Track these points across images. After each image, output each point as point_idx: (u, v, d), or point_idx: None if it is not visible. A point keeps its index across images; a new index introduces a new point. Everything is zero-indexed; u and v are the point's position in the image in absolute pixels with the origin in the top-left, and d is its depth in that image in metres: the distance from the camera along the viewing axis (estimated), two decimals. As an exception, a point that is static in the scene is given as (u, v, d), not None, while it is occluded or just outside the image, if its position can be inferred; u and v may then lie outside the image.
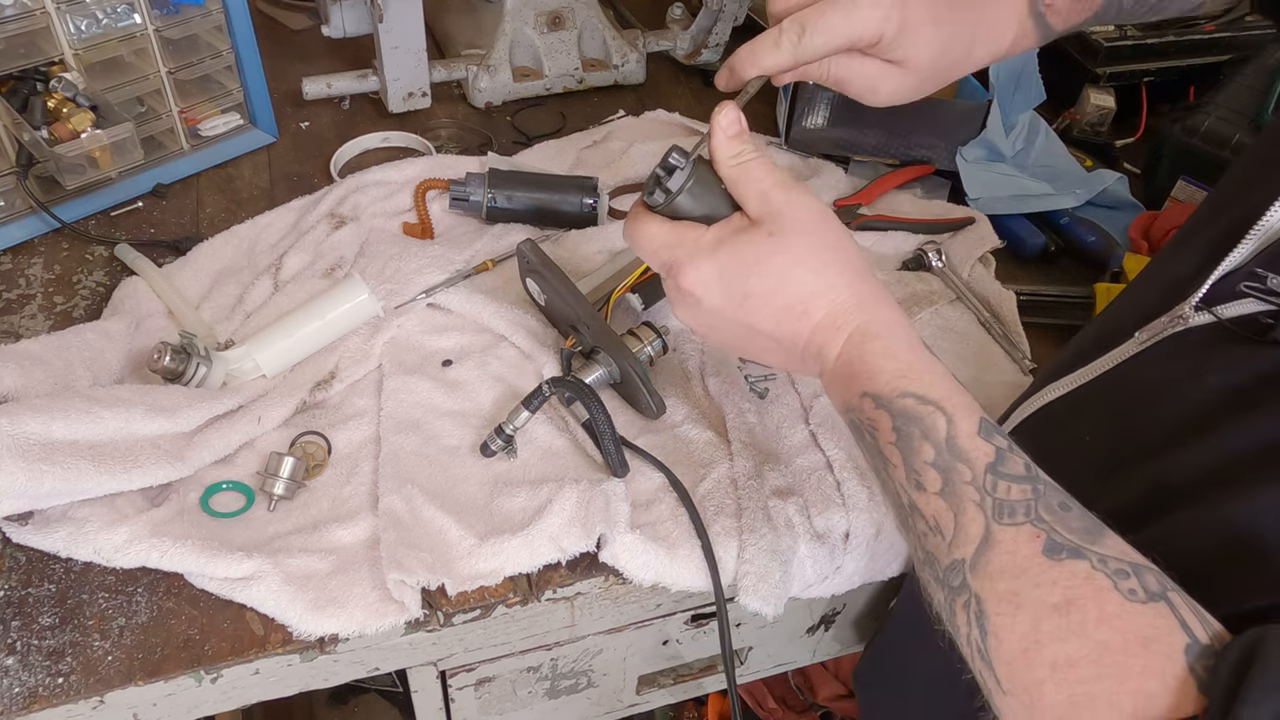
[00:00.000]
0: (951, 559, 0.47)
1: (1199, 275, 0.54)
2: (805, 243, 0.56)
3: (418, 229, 0.97)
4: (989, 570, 0.45)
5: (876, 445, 0.52)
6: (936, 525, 0.48)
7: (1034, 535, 0.45)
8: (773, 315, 0.57)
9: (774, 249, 0.56)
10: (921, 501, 0.49)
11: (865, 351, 0.55)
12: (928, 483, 0.49)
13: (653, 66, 1.26)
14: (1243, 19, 1.20)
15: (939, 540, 0.48)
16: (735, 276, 0.57)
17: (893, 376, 0.53)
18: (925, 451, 0.49)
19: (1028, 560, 0.44)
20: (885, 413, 0.52)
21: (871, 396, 0.53)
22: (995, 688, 0.44)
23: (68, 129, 0.88)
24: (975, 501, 0.47)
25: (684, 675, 0.96)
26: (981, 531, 0.46)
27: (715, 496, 0.74)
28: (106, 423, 0.68)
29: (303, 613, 0.66)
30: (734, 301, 0.57)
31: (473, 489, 0.75)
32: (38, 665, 0.63)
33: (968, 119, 1.07)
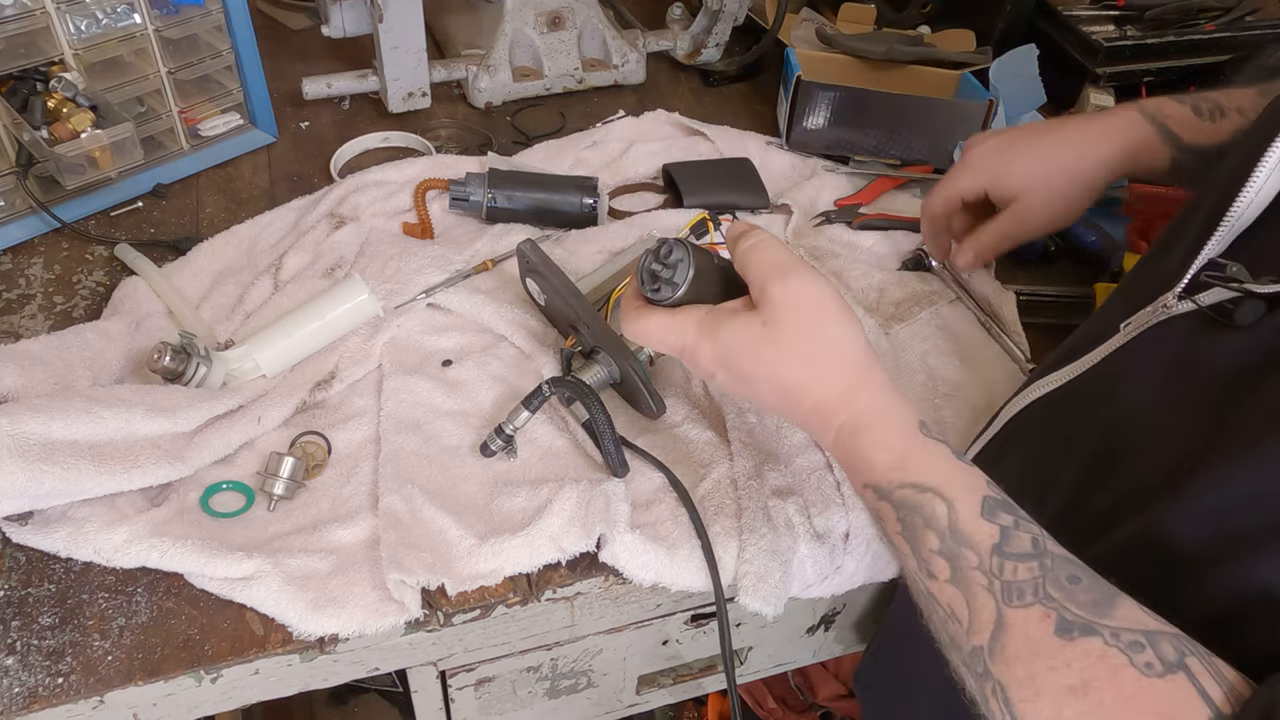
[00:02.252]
0: (971, 645, 0.47)
1: (1181, 267, 0.55)
2: (795, 335, 0.58)
3: (418, 229, 0.97)
4: (1005, 655, 0.45)
5: (887, 536, 0.53)
6: (952, 612, 0.48)
7: (1044, 616, 0.45)
8: (772, 396, 0.59)
9: (765, 339, 0.58)
10: (935, 589, 0.49)
11: (857, 444, 0.56)
12: (937, 571, 0.49)
13: (653, 66, 1.26)
14: (1243, 19, 1.20)
15: (957, 627, 0.48)
16: (733, 359, 0.59)
17: (887, 469, 0.54)
18: (930, 540, 0.50)
19: (1040, 642, 0.44)
20: (887, 504, 0.53)
21: (872, 488, 0.54)
22: None
23: (68, 129, 0.88)
24: (984, 586, 0.47)
25: (684, 675, 0.96)
26: (994, 617, 0.46)
27: (715, 496, 0.74)
28: (106, 423, 0.68)
29: (303, 613, 0.66)
30: (739, 380, 0.60)
31: (473, 489, 0.75)
32: (38, 665, 0.63)
33: (968, 119, 1.07)
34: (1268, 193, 0.52)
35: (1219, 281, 0.51)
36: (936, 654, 0.52)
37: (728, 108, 1.23)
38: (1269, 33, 1.19)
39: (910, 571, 0.52)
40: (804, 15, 1.27)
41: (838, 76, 1.17)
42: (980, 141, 0.87)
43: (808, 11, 1.28)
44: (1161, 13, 1.19)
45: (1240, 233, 0.53)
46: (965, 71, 1.16)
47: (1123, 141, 0.79)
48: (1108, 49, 1.15)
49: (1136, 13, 1.20)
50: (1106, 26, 1.19)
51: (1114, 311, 0.62)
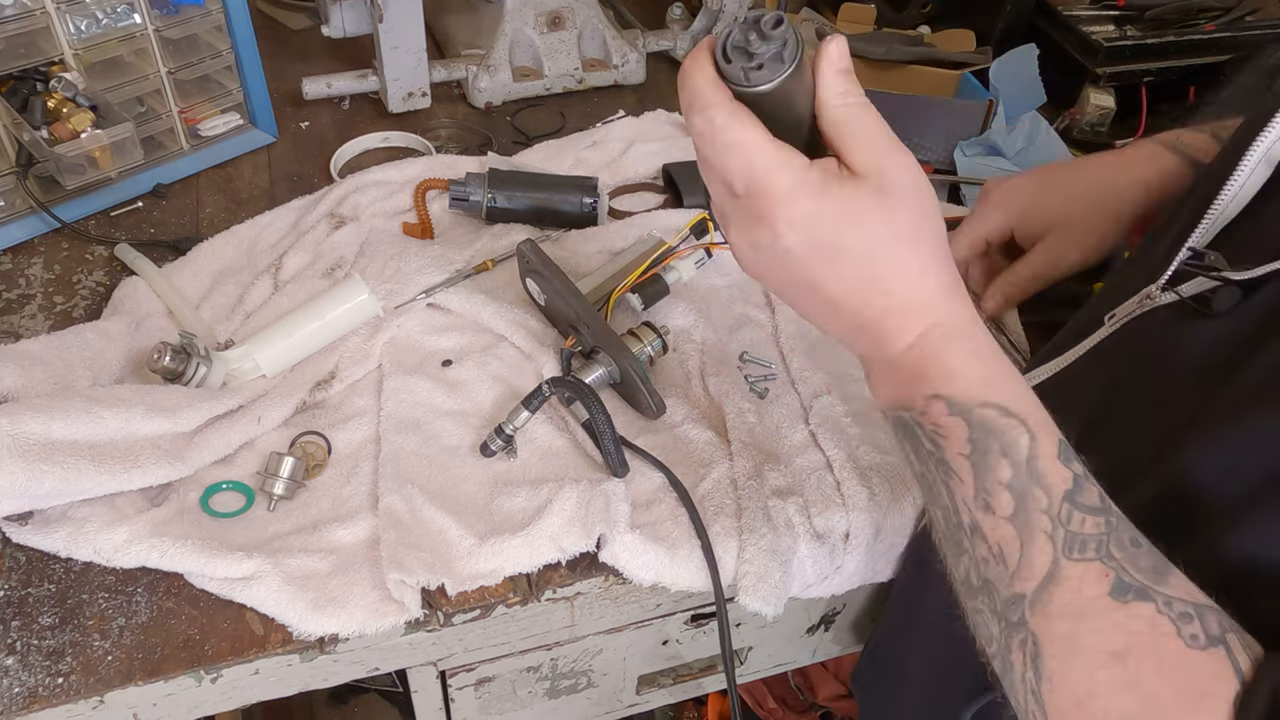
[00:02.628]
0: (1012, 592, 0.45)
1: (1166, 259, 0.56)
2: (910, 214, 0.49)
3: (418, 229, 0.97)
4: (1049, 609, 0.43)
5: (940, 455, 0.48)
6: (1000, 552, 0.45)
7: (1103, 574, 0.43)
8: (851, 280, 0.49)
9: (879, 208, 0.48)
10: (988, 524, 0.46)
11: (947, 349, 0.49)
12: (999, 505, 0.45)
13: (653, 66, 1.26)
14: (1243, 19, 1.20)
15: (1000, 569, 0.45)
16: (831, 227, 0.48)
17: (976, 382, 0.48)
18: (1002, 470, 0.46)
19: (1091, 601, 0.43)
20: (961, 421, 0.47)
21: (946, 400, 0.48)
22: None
23: (68, 129, 0.88)
24: (1047, 532, 0.44)
25: (684, 675, 0.96)
26: (1049, 565, 0.44)
27: (715, 496, 0.74)
28: (106, 423, 0.68)
29: (303, 613, 0.66)
30: (819, 253, 0.49)
31: (473, 489, 0.75)
32: (38, 665, 0.63)
33: (968, 119, 1.07)
34: (1251, 186, 0.53)
35: (1197, 270, 0.52)
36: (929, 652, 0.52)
37: (728, 108, 1.23)
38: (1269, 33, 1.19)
39: (958, 500, 0.47)
40: (804, 15, 1.27)
41: (838, 76, 1.17)
42: (1000, 182, 0.85)
43: (808, 11, 1.28)
44: (1161, 13, 1.19)
45: (1224, 226, 0.54)
46: (965, 71, 1.16)
47: (1147, 173, 0.79)
48: (1108, 49, 1.15)
49: (1136, 13, 1.20)
50: (1106, 26, 1.19)
51: (1101, 305, 0.63)
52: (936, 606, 0.64)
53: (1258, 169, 0.52)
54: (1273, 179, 0.53)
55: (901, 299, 0.50)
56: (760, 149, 0.48)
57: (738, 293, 0.94)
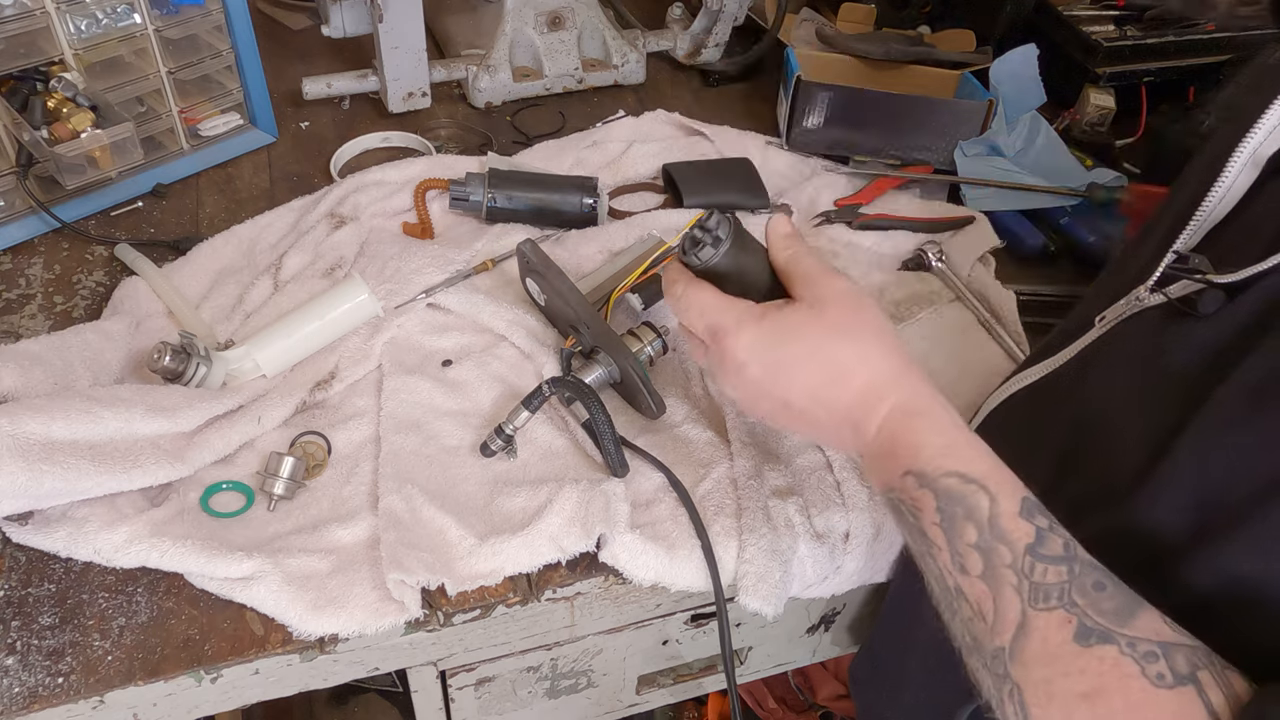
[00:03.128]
0: (994, 645, 0.47)
1: (1153, 261, 0.56)
2: (841, 313, 0.58)
3: (418, 229, 0.97)
4: (1025, 658, 0.46)
5: (919, 526, 0.52)
6: (979, 610, 0.48)
7: (1065, 620, 0.45)
8: (809, 383, 0.57)
9: (812, 317, 0.58)
10: (966, 585, 0.49)
11: (909, 427, 0.54)
12: (970, 566, 0.49)
13: (653, 66, 1.26)
14: (1242, 19, 1.20)
15: (982, 626, 0.48)
16: (772, 343, 0.58)
17: (936, 453, 0.52)
18: (969, 533, 0.49)
19: (1059, 648, 0.45)
20: (929, 492, 0.52)
21: (915, 475, 0.53)
22: None
23: (68, 129, 0.88)
24: (1013, 585, 0.47)
25: (684, 675, 0.96)
26: (1018, 617, 0.46)
27: (715, 496, 0.74)
28: (106, 423, 0.68)
29: (303, 613, 0.66)
30: (774, 369, 0.58)
31: (473, 489, 0.75)
32: (38, 665, 0.63)
33: (968, 119, 1.07)
34: (1238, 189, 0.53)
35: (1182, 273, 0.52)
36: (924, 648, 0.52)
37: (728, 108, 1.23)
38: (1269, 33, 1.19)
39: (941, 567, 0.51)
40: (804, 15, 1.27)
41: (838, 76, 1.17)
42: None
43: (808, 11, 1.28)
44: (1161, 13, 1.19)
45: (1211, 228, 0.55)
46: (965, 71, 1.16)
47: None
48: (1108, 49, 1.15)
49: (1136, 13, 1.20)
50: (1106, 26, 1.19)
51: (1090, 307, 0.63)
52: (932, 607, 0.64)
53: (1244, 170, 0.52)
54: (1259, 181, 0.53)
55: (858, 385, 0.56)
56: (711, 303, 0.61)
57: (738, 293, 0.94)
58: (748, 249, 0.63)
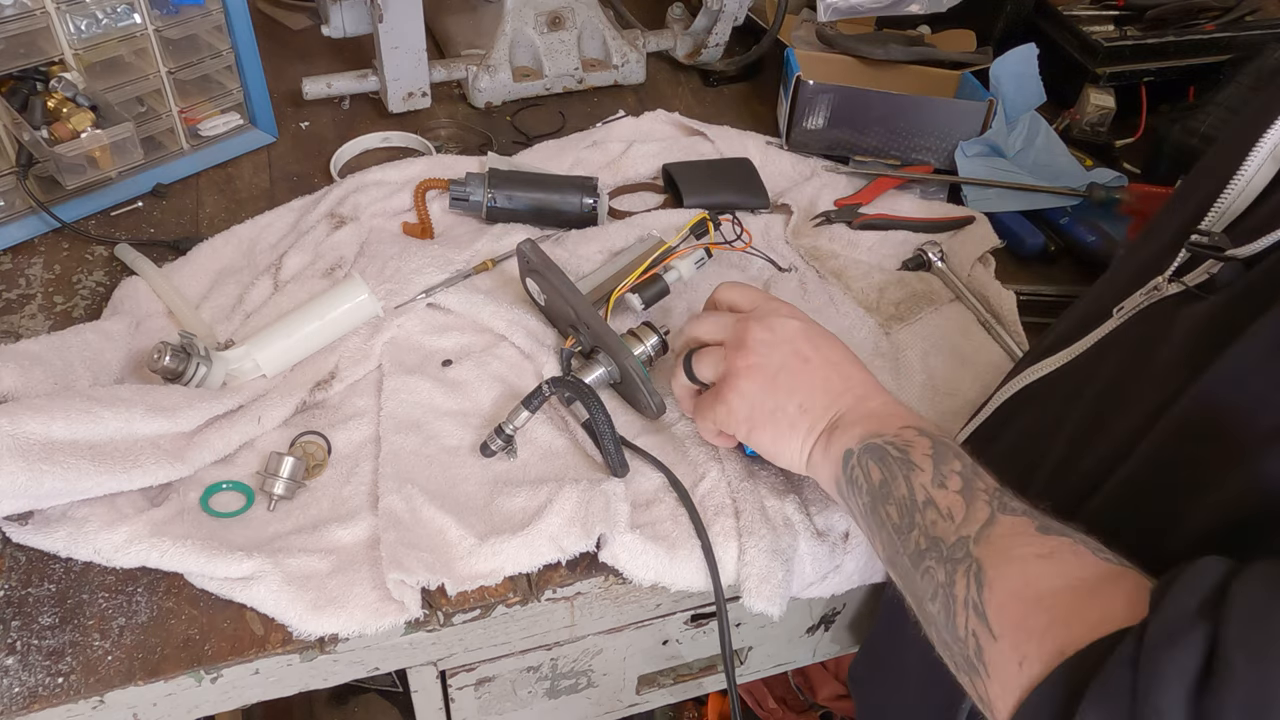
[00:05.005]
0: (958, 536, 0.53)
1: (1172, 250, 0.57)
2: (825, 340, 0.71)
3: (418, 229, 0.97)
4: (989, 537, 0.52)
5: (906, 457, 0.59)
6: (949, 513, 0.55)
7: (1029, 521, 0.52)
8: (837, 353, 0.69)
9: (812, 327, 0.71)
10: (939, 496, 0.56)
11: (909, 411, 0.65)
12: (950, 483, 0.56)
13: (653, 66, 1.26)
14: (1243, 19, 1.20)
15: (948, 525, 0.54)
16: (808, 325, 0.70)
17: (936, 429, 0.62)
18: (954, 463, 0.58)
19: (1022, 530, 0.52)
20: (927, 439, 0.60)
21: (916, 429, 0.61)
22: (987, 637, 0.49)
23: (68, 129, 0.88)
24: (985, 499, 0.54)
25: (684, 675, 0.96)
26: (987, 515, 0.53)
27: (715, 496, 0.74)
28: (106, 423, 0.68)
29: (303, 613, 0.66)
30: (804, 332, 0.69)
31: (473, 489, 0.75)
32: (38, 665, 0.63)
33: (968, 119, 1.07)
34: (1259, 182, 0.54)
35: (1203, 250, 0.54)
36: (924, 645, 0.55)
37: (728, 108, 1.23)
38: (1269, 33, 1.19)
39: (915, 484, 0.58)
40: (804, 15, 1.27)
41: (838, 76, 1.17)
42: None
43: (808, 12, 1.28)
44: (1161, 13, 1.19)
45: (1228, 223, 0.55)
46: (965, 71, 1.16)
47: None
48: (1108, 49, 1.15)
49: (1136, 13, 1.20)
50: (1106, 26, 1.19)
51: (1102, 297, 0.64)
52: None
53: (1265, 166, 0.53)
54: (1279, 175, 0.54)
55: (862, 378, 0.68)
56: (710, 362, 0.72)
57: (738, 293, 0.95)
58: None
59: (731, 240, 0.97)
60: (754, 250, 0.97)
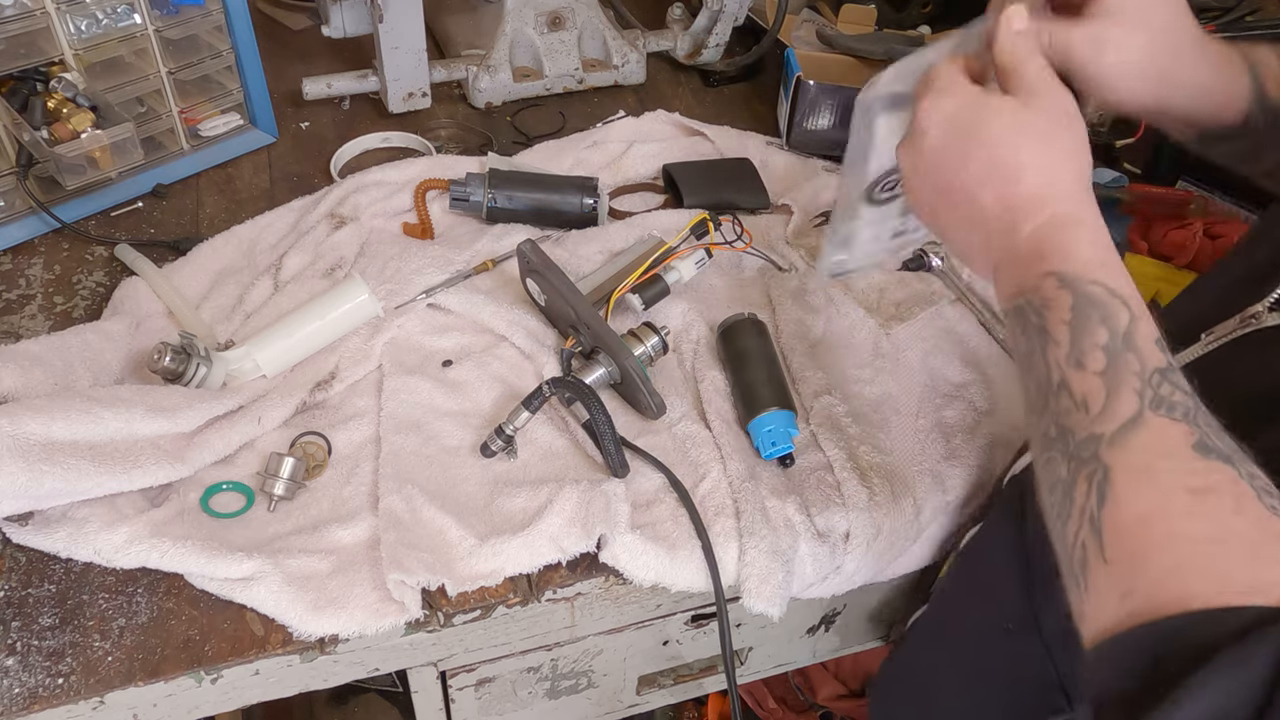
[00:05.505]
0: (1090, 433, 0.46)
1: (1271, 277, 0.53)
2: (1046, 120, 0.55)
3: (418, 229, 0.97)
4: (1129, 445, 0.44)
5: (1042, 324, 0.50)
6: (1084, 401, 0.47)
7: (1188, 432, 0.43)
8: (981, 169, 0.55)
9: (1013, 113, 0.55)
10: (1075, 378, 0.47)
11: (1066, 234, 0.52)
12: (1089, 361, 0.47)
13: (653, 66, 1.26)
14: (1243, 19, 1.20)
15: (1081, 416, 0.46)
16: (969, 119, 0.55)
17: (1087, 262, 0.51)
18: (1099, 334, 0.48)
19: (1175, 446, 0.43)
20: (1068, 292, 0.50)
21: (1057, 275, 0.51)
22: (1096, 555, 0.43)
23: (68, 129, 0.88)
24: (1135, 389, 0.45)
25: (684, 675, 0.96)
26: (1132, 412, 0.45)
27: (715, 496, 0.74)
28: (106, 423, 0.68)
29: (303, 613, 0.66)
30: (954, 142, 0.55)
31: (473, 489, 0.75)
32: (38, 666, 0.63)
33: (968, 119, 1.07)
34: None
35: None
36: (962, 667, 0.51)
37: (728, 108, 1.23)
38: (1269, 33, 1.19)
39: (1050, 361, 0.49)
40: (804, 15, 1.27)
41: (838, 76, 1.17)
42: None
43: (808, 12, 1.28)
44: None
45: None
46: (965, 71, 1.16)
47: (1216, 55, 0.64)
48: (1108, 49, 1.15)
49: (1137, 13, 1.19)
50: (1106, 26, 1.18)
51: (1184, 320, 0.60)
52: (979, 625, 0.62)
53: None
54: None
55: (1028, 186, 0.53)
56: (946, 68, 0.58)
57: (737, 293, 0.95)
58: None
59: (732, 240, 0.97)
60: (754, 250, 0.97)
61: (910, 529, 0.76)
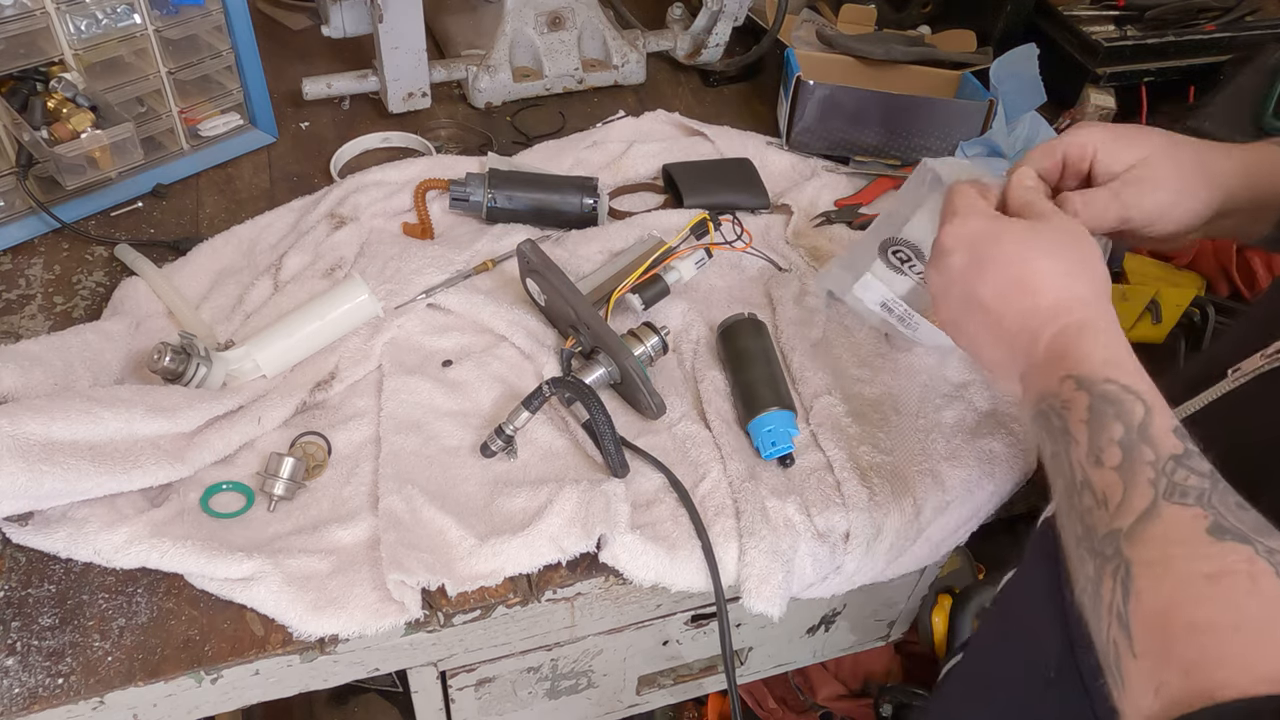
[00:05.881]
0: (1110, 528, 0.46)
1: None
2: (1057, 235, 0.60)
3: (418, 229, 0.97)
4: (1144, 537, 0.45)
5: (1064, 426, 0.52)
6: (1104, 498, 0.48)
7: (1200, 515, 0.44)
8: (1000, 286, 0.59)
9: (1026, 233, 0.60)
10: (1095, 475, 0.49)
11: (1082, 339, 0.55)
12: (1107, 458, 0.49)
13: (653, 66, 1.26)
14: (1243, 19, 1.20)
15: (1102, 513, 0.48)
16: (984, 243, 0.60)
17: (1101, 363, 0.53)
18: (1114, 429, 0.49)
19: (1187, 534, 0.44)
20: (1085, 393, 0.52)
21: (1074, 378, 0.53)
22: (1127, 652, 0.43)
23: (68, 129, 0.88)
24: (1149, 479, 0.46)
25: (684, 675, 0.96)
26: (1147, 505, 0.46)
27: (715, 497, 0.74)
28: (106, 423, 0.68)
29: (303, 613, 0.66)
30: (976, 262, 0.60)
31: (473, 489, 0.75)
32: (38, 666, 0.63)
33: (968, 119, 1.07)
34: None
35: None
36: None
37: (728, 108, 1.23)
38: (1269, 33, 1.19)
39: (1073, 461, 0.51)
40: (804, 16, 1.27)
41: (838, 77, 1.17)
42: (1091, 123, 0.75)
43: (808, 12, 1.28)
44: (1161, 13, 1.19)
45: None
46: (965, 71, 1.16)
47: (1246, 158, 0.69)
48: (1108, 49, 1.15)
49: (1136, 13, 1.20)
50: (1106, 26, 1.19)
51: (1218, 358, 0.61)
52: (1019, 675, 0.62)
53: None
54: None
55: (1044, 299, 0.58)
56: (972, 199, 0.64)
57: (737, 293, 0.95)
58: None
59: (732, 240, 0.97)
60: (754, 250, 0.97)
61: (910, 529, 0.76)
